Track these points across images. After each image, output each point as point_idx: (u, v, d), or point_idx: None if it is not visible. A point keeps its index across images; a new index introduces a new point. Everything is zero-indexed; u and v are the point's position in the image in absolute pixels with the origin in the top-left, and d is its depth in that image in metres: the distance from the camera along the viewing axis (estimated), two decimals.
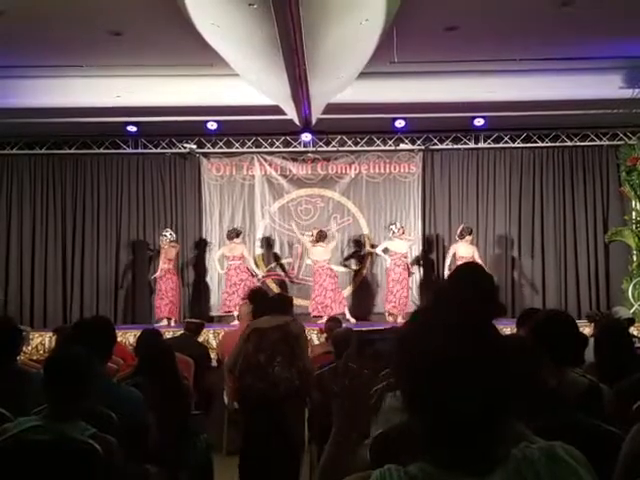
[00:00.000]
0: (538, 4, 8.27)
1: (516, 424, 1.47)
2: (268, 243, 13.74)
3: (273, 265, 13.71)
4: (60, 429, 3.17)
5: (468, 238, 12.50)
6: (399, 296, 12.44)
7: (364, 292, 13.60)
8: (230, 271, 12.50)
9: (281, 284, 13.58)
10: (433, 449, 1.43)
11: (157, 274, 12.55)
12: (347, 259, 13.72)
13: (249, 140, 13.49)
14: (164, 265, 12.49)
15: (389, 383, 3.68)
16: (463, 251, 12.39)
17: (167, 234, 12.70)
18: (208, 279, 13.60)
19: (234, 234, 12.60)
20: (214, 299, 13.42)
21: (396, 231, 12.74)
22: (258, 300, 5.99)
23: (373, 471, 1.46)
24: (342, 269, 13.47)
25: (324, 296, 12.32)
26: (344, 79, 9.15)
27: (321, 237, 12.56)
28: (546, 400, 2.45)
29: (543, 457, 1.42)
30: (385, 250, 12.90)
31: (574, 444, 1.49)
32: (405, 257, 12.75)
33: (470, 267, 3.68)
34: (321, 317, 11.95)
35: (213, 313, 13.37)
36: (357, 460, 1.67)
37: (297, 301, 13.18)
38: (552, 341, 2.95)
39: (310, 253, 12.70)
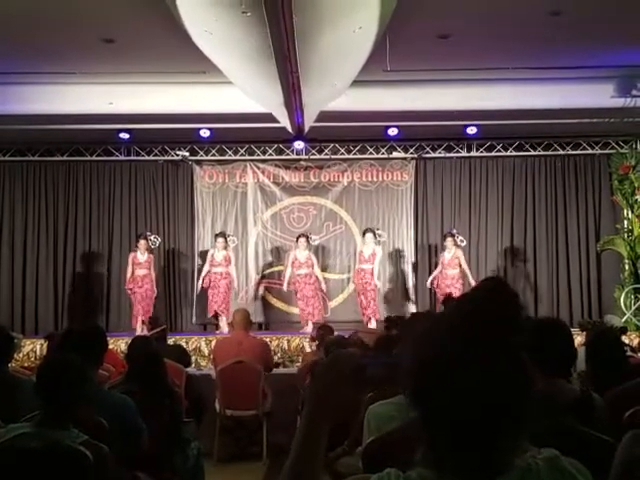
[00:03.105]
0: (530, 13, 8.29)
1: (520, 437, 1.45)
2: (260, 250, 13.71)
3: (266, 272, 13.67)
4: (51, 436, 3.15)
5: (449, 241, 12.32)
6: (367, 303, 12.29)
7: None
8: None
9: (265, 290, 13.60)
10: (435, 454, 1.42)
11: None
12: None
13: (242, 148, 13.48)
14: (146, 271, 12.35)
15: (377, 393, 3.69)
16: (446, 256, 12.32)
17: (152, 237, 12.65)
18: (198, 286, 13.40)
19: (220, 236, 12.53)
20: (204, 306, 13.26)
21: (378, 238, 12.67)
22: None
23: (371, 475, 1.45)
24: (336, 276, 13.49)
25: (306, 303, 12.27)
26: (337, 87, 9.15)
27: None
28: (537, 406, 2.44)
29: (547, 467, 1.41)
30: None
31: (564, 451, 1.48)
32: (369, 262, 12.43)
33: (492, 280, 3.68)
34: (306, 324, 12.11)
35: (205, 321, 13.33)
36: None
37: (289, 308, 13.30)
38: (547, 349, 2.94)
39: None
